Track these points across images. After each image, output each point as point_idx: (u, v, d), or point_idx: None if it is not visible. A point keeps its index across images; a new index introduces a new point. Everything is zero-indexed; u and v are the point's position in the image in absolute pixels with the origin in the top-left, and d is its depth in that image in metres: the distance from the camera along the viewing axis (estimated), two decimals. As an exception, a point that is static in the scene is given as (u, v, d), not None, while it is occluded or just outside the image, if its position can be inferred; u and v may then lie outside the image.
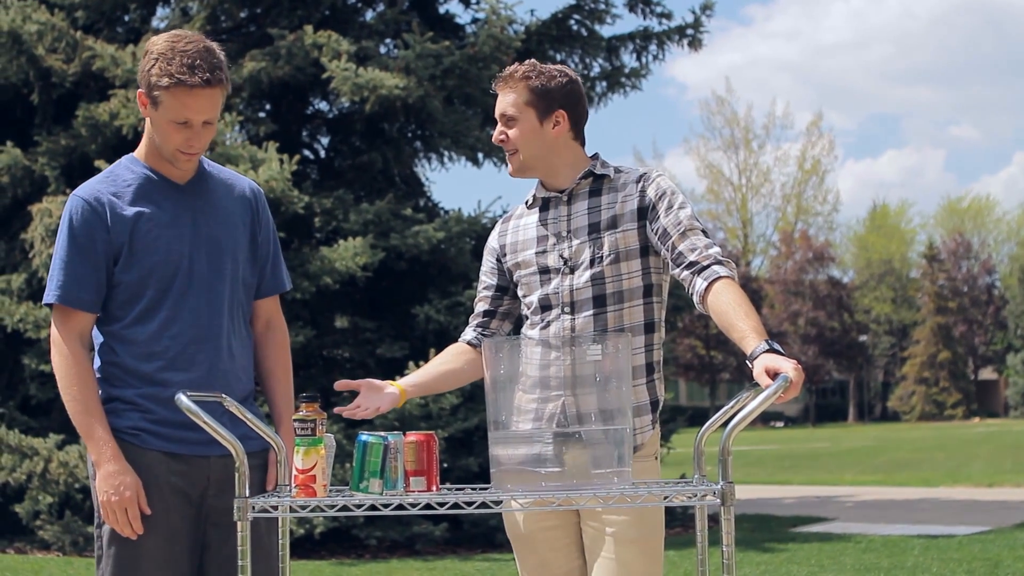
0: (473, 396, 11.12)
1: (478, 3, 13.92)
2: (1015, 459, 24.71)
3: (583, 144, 3.81)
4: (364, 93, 11.42)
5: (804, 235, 66.21)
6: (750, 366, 3.24)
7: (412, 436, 3.07)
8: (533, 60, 3.81)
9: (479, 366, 3.81)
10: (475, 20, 13.64)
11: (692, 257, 3.56)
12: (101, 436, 3.47)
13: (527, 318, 3.79)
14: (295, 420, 3.10)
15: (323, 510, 3.03)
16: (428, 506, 3.01)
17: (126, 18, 13.55)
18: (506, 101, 3.73)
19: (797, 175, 66.82)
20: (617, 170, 3.77)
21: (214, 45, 3.54)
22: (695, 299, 3.55)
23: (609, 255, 3.65)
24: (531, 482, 3.07)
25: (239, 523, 3.01)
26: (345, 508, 3.01)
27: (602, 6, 13.27)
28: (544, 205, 3.80)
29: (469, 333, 3.91)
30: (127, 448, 3.51)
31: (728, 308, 3.43)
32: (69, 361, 3.52)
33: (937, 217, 72.35)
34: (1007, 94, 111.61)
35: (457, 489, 3.14)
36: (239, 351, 3.67)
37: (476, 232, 12.14)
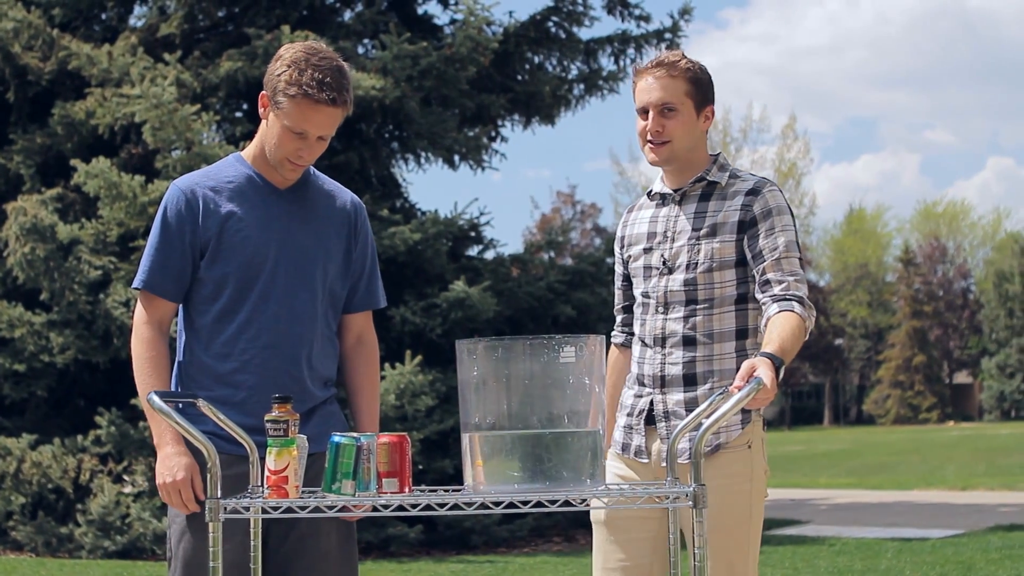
0: (449, 398, 11.11)
1: (456, 4, 13.92)
2: (989, 463, 24.82)
3: None
4: (341, 94, 11.39)
5: (781, 238, 66.31)
6: None
7: (384, 437, 3.06)
8: (679, 50, 3.82)
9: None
10: (453, 21, 13.62)
11: (777, 290, 3.60)
12: (160, 434, 3.54)
13: (636, 311, 3.88)
14: (267, 420, 3.09)
15: (295, 511, 3.01)
16: (401, 508, 3.00)
17: (103, 16, 13.51)
18: (667, 90, 3.71)
19: (773, 178, 66.97)
20: (733, 175, 3.78)
21: (345, 65, 3.58)
22: (763, 321, 3.61)
23: (703, 263, 3.69)
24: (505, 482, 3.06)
25: (211, 524, 3.00)
26: (317, 509, 3.00)
27: (580, 8, 13.29)
28: (661, 201, 3.84)
29: (619, 336, 3.98)
30: (195, 450, 3.53)
31: (775, 327, 3.49)
32: (144, 345, 3.61)
33: (913, 221, 72.64)
34: (981, 99, 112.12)
35: (430, 491, 3.14)
36: (319, 361, 3.67)
37: (452, 233, 12.14)
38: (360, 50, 12.88)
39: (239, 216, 3.61)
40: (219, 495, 3.02)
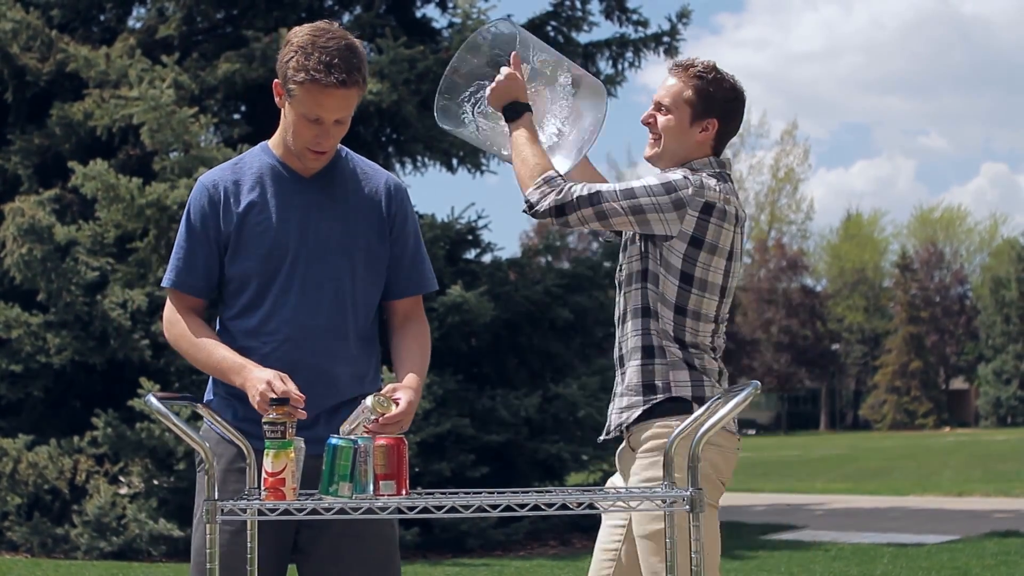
0: (445, 402, 11.10)
1: (455, 7, 13.91)
2: (985, 469, 24.81)
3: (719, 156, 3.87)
4: (339, 97, 11.40)
5: (778, 243, 66.36)
6: None
7: (382, 440, 3.05)
8: (714, 62, 3.84)
9: None
10: (451, 24, 13.62)
11: None
12: (239, 366, 3.40)
13: None
14: (264, 423, 3.08)
15: (292, 513, 3.01)
16: (398, 510, 3.00)
17: (101, 17, 13.51)
18: (667, 88, 3.81)
19: (771, 183, 67.01)
20: None
21: (356, 43, 3.44)
22: None
23: (624, 238, 3.85)
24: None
25: (208, 525, 2.99)
26: (314, 512, 3.00)
27: (579, 13, 13.29)
28: None
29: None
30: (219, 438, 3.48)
31: None
32: (184, 330, 3.51)
33: (909, 227, 72.66)
34: (975, 104, 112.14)
35: (427, 493, 3.14)
36: (352, 354, 3.55)
37: (450, 237, 12.13)
38: (359, 53, 12.86)
39: (259, 208, 3.51)
40: (216, 496, 3.02)
